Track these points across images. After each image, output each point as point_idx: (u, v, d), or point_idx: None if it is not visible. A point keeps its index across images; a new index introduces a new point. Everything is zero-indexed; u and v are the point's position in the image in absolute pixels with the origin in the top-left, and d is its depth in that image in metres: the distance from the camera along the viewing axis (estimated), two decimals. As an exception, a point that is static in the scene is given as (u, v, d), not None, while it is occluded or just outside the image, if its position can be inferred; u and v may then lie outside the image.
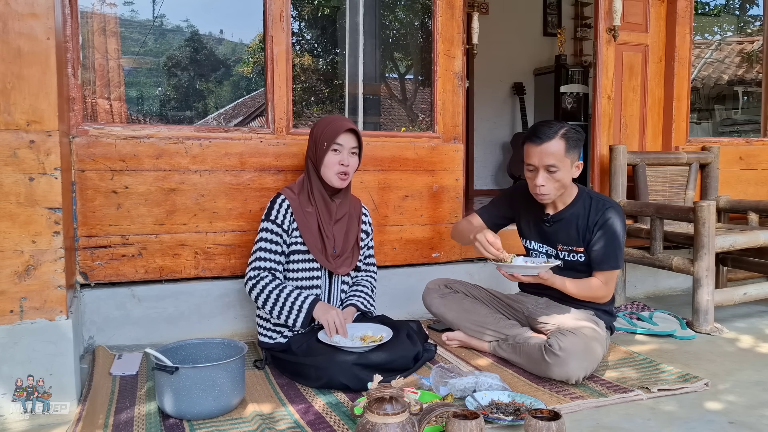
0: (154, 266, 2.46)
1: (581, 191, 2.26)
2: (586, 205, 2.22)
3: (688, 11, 3.44)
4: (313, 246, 2.20)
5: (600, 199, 2.23)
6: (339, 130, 2.20)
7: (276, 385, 2.02)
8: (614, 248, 2.16)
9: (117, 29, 3.11)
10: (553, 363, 2.00)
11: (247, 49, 6.52)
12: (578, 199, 2.24)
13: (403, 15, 5.49)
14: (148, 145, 2.42)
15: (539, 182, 2.13)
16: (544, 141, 2.10)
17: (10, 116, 1.81)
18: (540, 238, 2.32)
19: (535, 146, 2.12)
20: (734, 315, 2.93)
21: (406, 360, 2.06)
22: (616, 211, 2.18)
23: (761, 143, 3.73)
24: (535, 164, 2.13)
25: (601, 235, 2.16)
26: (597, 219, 2.17)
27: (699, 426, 1.74)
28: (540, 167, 2.12)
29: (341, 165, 2.20)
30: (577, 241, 2.22)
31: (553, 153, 2.10)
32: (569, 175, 2.15)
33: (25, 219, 1.84)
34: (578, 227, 2.21)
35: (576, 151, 2.14)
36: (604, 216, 2.17)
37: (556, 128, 2.12)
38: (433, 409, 1.53)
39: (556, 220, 2.25)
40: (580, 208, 2.22)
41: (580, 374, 1.99)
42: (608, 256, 2.16)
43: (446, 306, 2.44)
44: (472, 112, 5.87)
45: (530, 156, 2.14)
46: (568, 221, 2.23)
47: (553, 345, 2.02)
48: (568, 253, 2.24)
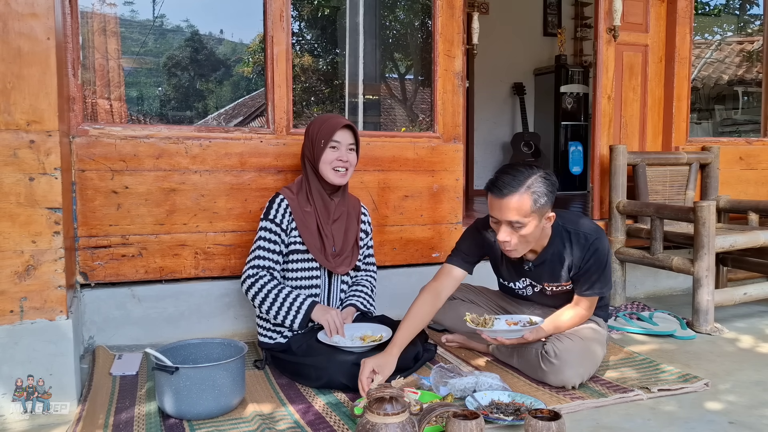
0: (154, 266, 2.46)
1: (555, 227, 2.05)
2: (565, 241, 2.05)
3: (688, 11, 3.44)
4: (312, 245, 2.20)
5: (577, 234, 2.04)
6: (335, 127, 2.20)
7: (276, 385, 2.02)
8: (602, 278, 2.06)
9: (117, 29, 3.11)
10: (549, 371, 1.98)
11: (247, 50, 6.52)
12: (555, 236, 2.05)
13: (403, 15, 5.49)
14: (148, 145, 2.42)
15: (501, 237, 1.93)
16: (505, 195, 1.87)
17: (10, 116, 1.81)
18: (519, 277, 2.22)
19: (496, 199, 1.89)
20: (734, 315, 2.93)
21: (406, 360, 2.06)
22: (600, 243, 2.03)
23: (761, 143, 3.73)
24: (497, 218, 1.92)
25: (591, 271, 2.04)
26: (585, 256, 2.03)
27: (699, 426, 1.74)
28: (502, 221, 1.91)
29: (340, 161, 2.20)
30: (565, 278, 2.10)
31: (516, 208, 1.86)
32: (538, 230, 1.94)
33: (25, 219, 1.84)
34: (563, 265, 2.07)
35: (547, 204, 1.91)
36: (591, 252, 2.02)
37: (521, 179, 1.87)
38: (433, 409, 1.53)
39: (538, 264, 2.11)
40: (559, 245, 2.05)
41: (576, 381, 1.97)
42: (597, 284, 2.06)
43: (443, 313, 2.37)
44: (472, 112, 5.88)
45: (492, 208, 1.93)
46: (551, 262, 2.08)
47: (549, 351, 1.99)
48: (556, 287, 2.15)
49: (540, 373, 2.02)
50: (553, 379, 1.99)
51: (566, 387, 1.98)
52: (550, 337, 2.08)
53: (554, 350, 1.98)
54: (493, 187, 1.90)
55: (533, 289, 2.22)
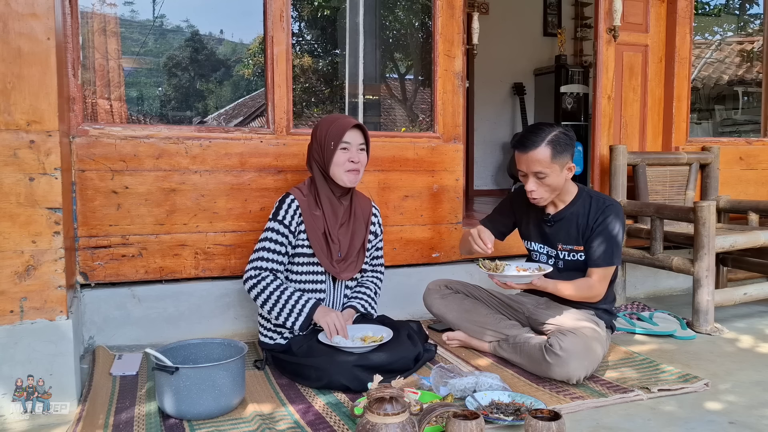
0: (154, 266, 2.46)
1: (581, 191, 2.27)
2: (585, 204, 2.23)
3: (688, 11, 3.44)
4: (319, 250, 2.19)
5: (600, 198, 2.25)
6: (345, 127, 2.18)
7: (276, 386, 2.02)
8: (611, 246, 2.17)
9: (117, 29, 3.11)
10: (554, 363, 2.00)
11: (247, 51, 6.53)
12: (578, 198, 2.25)
13: (403, 15, 5.49)
14: (148, 145, 2.42)
15: (529, 188, 2.17)
16: (529, 149, 2.12)
17: (10, 116, 1.81)
18: (541, 238, 2.33)
19: (521, 154, 2.15)
20: (734, 315, 2.93)
21: (407, 360, 2.06)
22: (615, 210, 2.20)
23: (761, 143, 3.73)
24: (524, 170, 2.17)
25: (599, 233, 2.17)
26: (597, 217, 2.19)
27: (699, 426, 1.74)
28: (529, 173, 2.16)
29: (352, 162, 2.18)
30: (576, 240, 2.23)
31: (539, 160, 2.11)
32: (560, 178, 2.16)
33: (26, 219, 1.84)
34: (578, 226, 2.23)
35: (566, 155, 2.14)
36: (604, 214, 2.18)
37: (543, 135, 2.12)
38: (433, 410, 1.53)
39: (557, 220, 2.27)
40: (580, 207, 2.24)
41: (581, 374, 1.99)
42: (605, 252, 2.16)
43: (447, 306, 2.44)
44: (472, 112, 5.87)
45: (519, 163, 2.18)
46: (568, 220, 2.25)
47: (553, 345, 2.02)
48: (568, 252, 2.25)
49: (544, 366, 2.03)
50: (558, 371, 2.00)
51: (570, 381, 2.00)
52: (553, 333, 2.10)
53: (558, 344, 2.01)
54: (519, 144, 2.17)
55: (548, 259, 2.31)
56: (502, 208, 2.48)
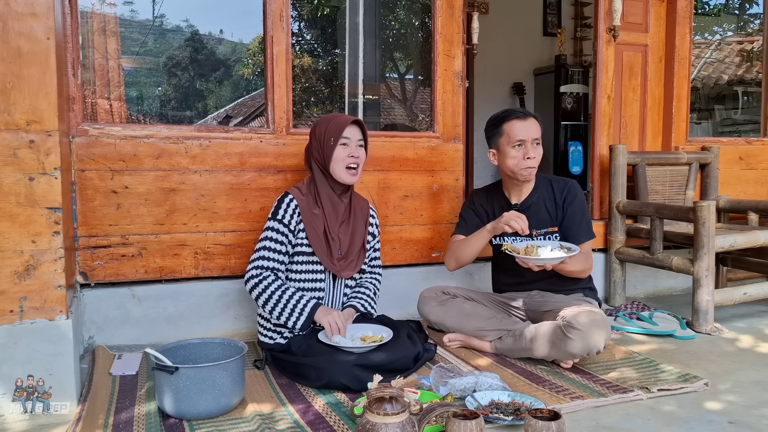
0: (154, 266, 2.46)
1: (539, 178, 2.40)
2: (547, 187, 2.38)
3: (688, 11, 3.44)
4: (319, 248, 2.19)
5: (556, 179, 2.41)
6: (344, 124, 2.20)
7: (276, 385, 2.02)
8: (587, 219, 2.32)
9: (117, 29, 3.11)
10: (576, 337, 2.03)
11: (247, 50, 6.53)
12: (538, 184, 2.39)
13: (403, 15, 5.49)
14: (148, 145, 2.42)
15: (532, 154, 2.28)
16: (527, 116, 2.30)
17: (10, 116, 1.81)
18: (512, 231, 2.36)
19: (523, 121, 2.28)
20: (734, 315, 2.93)
21: (407, 360, 2.06)
22: (577, 187, 2.37)
23: (761, 143, 3.73)
24: (524, 138, 2.27)
25: (573, 212, 2.32)
26: (564, 196, 2.33)
27: (699, 426, 1.74)
28: (529, 140, 2.27)
29: (352, 157, 2.20)
30: (550, 222, 2.34)
31: (537, 127, 2.30)
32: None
33: (25, 219, 1.84)
34: (548, 208, 2.35)
35: None
36: (570, 193, 2.34)
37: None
38: (433, 409, 1.53)
39: (525, 207, 2.36)
40: (542, 191, 2.37)
41: (601, 345, 2.05)
42: (585, 226, 2.31)
43: (446, 313, 2.41)
44: (472, 112, 5.87)
45: (518, 131, 2.28)
46: (537, 205, 2.36)
47: (571, 321, 2.06)
48: (544, 236, 2.34)
49: (564, 343, 2.06)
50: (579, 345, 2.04)
51: (591, 353, 2.05)
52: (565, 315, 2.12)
53: (576, 319, 2.06)
54: (516, 112, 2.31)
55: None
56: (466, 214, 2.52)
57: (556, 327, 2.10)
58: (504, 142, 2.32)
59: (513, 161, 2.30)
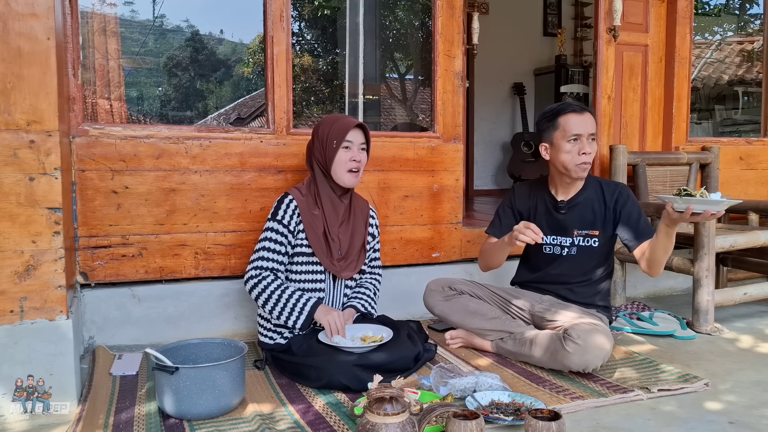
0: (154, 266, 2.46)
1: (589, 176, 2.32)
2: (597, 189, 2.31)
3: (688, 11, 3.44)
4: (319, 249, 2.19)
5: (606, 182, 2.34)
6: (347, 127, 2.19)
7: (276, 385, 2.02)
8: (645, 219, 2.27)
9: (117, 29, 3.11)
10: (574, 352, 2.01)
11: (247, 50, 6.53)
12: (588, 183, 2.32)
13: (403, 15, 5.49)
14: (148, 145, 2.42)
15: (588, 150, 2.21)
16: (584, 110, 2.22)
17: (10, 116, 1.81)
18: (551, 229, 2.34)
19: (580, 115, 2.21)
20: (734, 315, 2.93)
21: (407, 360, 2.06)
22: (629, 189, 2.31)
23: (761, 143, 3.73)
24: (580, 132, 2.20)
25: (629, 211, 2.25)
26: (616, 198, 2.27)
27: (699, 426, 1.74)
28: (585, 135, 2.20)
29: (353, 161, 2.19)
30: (593, 225, 2.29)
31: (593, 122, 2.22)
32: None
33: (26, 219, 1.84)
34: (595, 210, 2.28)
35: None
36: (623, 194, 2.27)
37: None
38: (433, 409, 1.53)
39: (572, 206, 2.31)
40: (591, 192, 2.30)
41: (597, 363, 2.02)
42: (646, 224, 2.25)
43: (451, 308, 2.41)
44: (472, 112, 5.87)
45: (574, 125, 2.21)
46: (584, 205, 2.30)
47: (572, 335, 2.04)
48: (584, 237, 2.30)
49: (562, 355, 2.05)
50: (576, 360, 2.02)
51: (587, 369, 2.02)
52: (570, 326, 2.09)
53: (577, 333, 2.03)
54: (573, 106, 2.24)
55: (561, 249, 2.33)
56: (503, 210, 2.47)
57: (557, 338, 2.09)
58: (559, 135, 2.24)
59: (568, 156, 2.22)
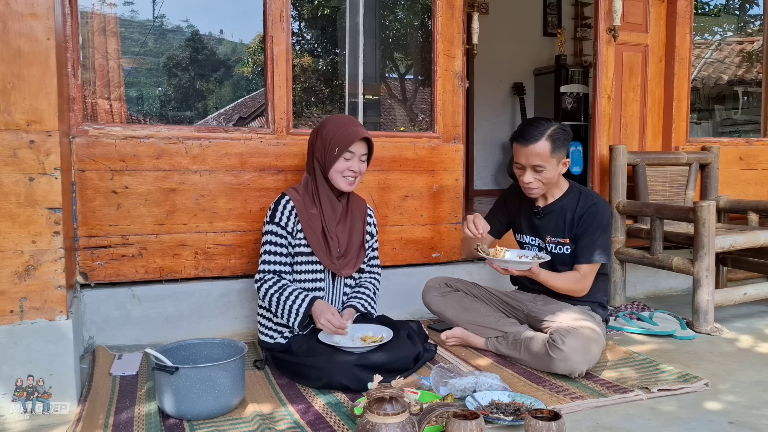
0: (154, 266, 2.46)
1: (572, 186, 2.36)
2: (575, 199, 2.32)
3: (688, 11, 3.44)
4: (317, 248, 2.19)
5: (589, 195, 2.33)
6: (353, 139, 2.16)
7: (276, 385, 2.02)
8: (594, 242, 2.24)
9: (117, 29, 3.11)
10: (558, 358, 2.04)
11: (246, 50, 6.53)
12: (568, 193, 2.34)
13: (403, 15, 5.49)
14: (148, 145, 2.42)
15: (526, 180, 2.25)
16: (530, 142, 2.20)
17: (10, 116, 1.81)
18: (531, 231, 2.41)
19: (521, 147, 2.22)
20: (734, 315, 2.93)
21: (407, 360, 2.06)
22: (602, 208, 2.28)
23: (761, 143, 3.73)
24: (522, 163, 2.24)
25: (586, 230, 2.26)
26: (583, 213, 2.28)
27: (699, 426, 1.74)
28: (527, 166, 2.23)
29: (351, 171, 2.20)
30: (563, 233, 2.31)
31: (538, 153, 2.19)
32: (556, 172, 2.25)
33: (25, 219, 1.84)
34: (566, 219, 2.31)
35: (563, 149, 2.23)
36: (590, 210, 2.27)
37: (542, 129, 2.20)
38: (433, 409, 1.53)
39: (546, 212, 2.35)
40: (568, 201, 2.32)
41: (582, 368, 2.04)
42: (589, 249, 2.24)
43: (446, 304, 2.46)
44: (472, 112, 5.87)
45: (518, 155, 2.25)
46: (557, 213, 2.33)
47: (557, 341, 2.06)
48: (555, 245, 2.33)
49: (547, 360, 2.07)
50: (561, 366, 2.04)
51: (572, 374, 2.04)
52: (555, 330, 2.12)
53: (561, 339, 2.05)
54: (519, 137, 2.23)
55: (539, 250, 2.37)
56: (496, 206, 2.57)
57: (543, 344, 2.12)
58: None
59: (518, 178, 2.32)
